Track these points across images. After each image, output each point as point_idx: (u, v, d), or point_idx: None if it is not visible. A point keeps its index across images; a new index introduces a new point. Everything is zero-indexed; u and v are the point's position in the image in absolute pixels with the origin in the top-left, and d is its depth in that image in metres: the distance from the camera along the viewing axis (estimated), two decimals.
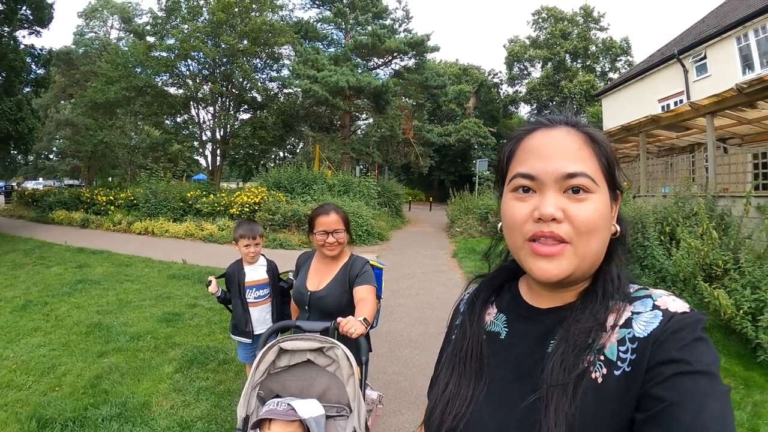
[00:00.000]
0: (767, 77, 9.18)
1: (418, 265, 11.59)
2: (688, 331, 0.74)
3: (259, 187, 17.80)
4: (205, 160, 28.16)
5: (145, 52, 22.59)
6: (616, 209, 0.93)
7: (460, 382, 0.96)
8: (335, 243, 2.83)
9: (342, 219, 2.88)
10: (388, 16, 29.59)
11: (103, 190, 19.94)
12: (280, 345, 2.11)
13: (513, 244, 0.90)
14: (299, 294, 2.94)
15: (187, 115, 26.90)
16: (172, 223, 15.99)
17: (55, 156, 41.10)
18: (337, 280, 2.86)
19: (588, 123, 0.92)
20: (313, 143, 25.87)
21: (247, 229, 3.63)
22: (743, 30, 17.58)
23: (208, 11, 23.23)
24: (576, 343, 0.82)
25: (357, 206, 16.15)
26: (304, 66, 24.22)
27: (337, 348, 2.08)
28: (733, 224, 7.15)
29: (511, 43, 53.04)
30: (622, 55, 49.08)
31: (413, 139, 31.38)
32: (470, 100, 46.34)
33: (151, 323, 6.37)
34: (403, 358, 5.52)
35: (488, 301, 1.07)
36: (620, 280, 0.88)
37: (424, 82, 27.87)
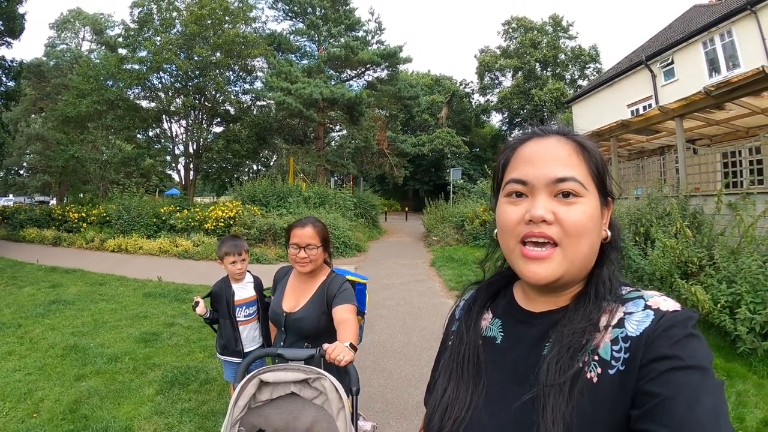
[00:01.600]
0: (734, 79, 9.41)
1: (397, 275, 11.63)
2: (679, 328, 0.76)
3: (233, 201, 17.68)
4: (178, 175, 27.86)
5: (117, 65, 22.27)
6: (608, 215, 0.97)
7: (459, 387, 0.98)
8: (306, 259, 2.64)
9: (319, 234, 2.70)
10: (360, 28, 29.73)
11: (75, 207, 19.49)
12: (260, 377, 1.92)
13: (506, 247, 0.94)
14: (275, 314, 2.80)
15: (160, 128, 26.64)
16: (145, 239, 15.67)
17: (25, 172, 40.32)
18: (314, 301, 2.71)
19: (578, 133, 0.96)
20: (287, 156, 25.84)
21: (231, 245, 3.51)
22: (708, 35, 18.18)
23: (180, 23, 23.09)
24: (570, 344, 0.84)
25: (333, 218, 16.14)
26: (278, 78, 24.20)
27: (324, 379, 1.90)
28: (705, 222, 7.31)
29: (482, 53, 53.58)
30: (590, 62, 49.88)
31: (387, 150, 31.47)
32: (443, 110, 46.62)
33: (129, 344, 6.26)
34: (388, 370, 5.52)
35: (485, 307, 1.09)
36: (612, 282, 0.91)
37: (397, 93, 28.06)
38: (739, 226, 6.51)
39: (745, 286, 5.40)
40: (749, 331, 5.08)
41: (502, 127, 55.12)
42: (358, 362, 5.65)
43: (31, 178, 38.27)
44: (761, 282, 5.36)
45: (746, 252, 5.98)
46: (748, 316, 5.12)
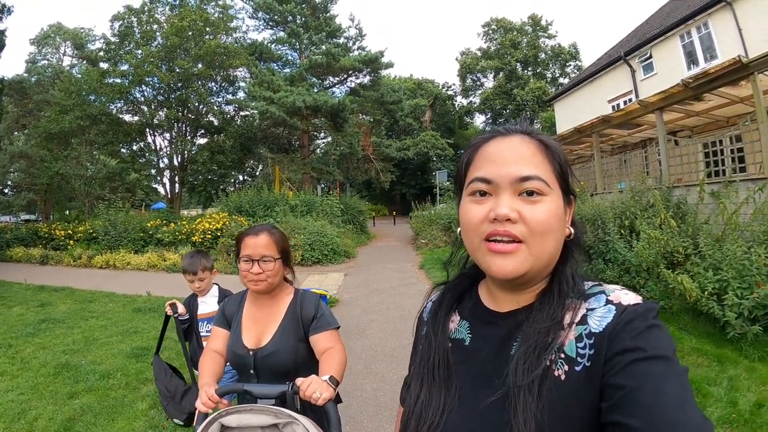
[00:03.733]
0: (711, 71, 9.59)
1: (387, 279, 11.70)
2: (640, 320, 0.78)
3: (220, 212, 17.68)
4: (163, 188, 27.79)
5: (99, 79, 22.19)
6: (571, 212, 0.98)
7: (431, 392, 0.98)
8: (261, 275, 2.09)
9: (276, 243, 2.15)
10: (341, 34, 29.77)
11: (61, 224, 19.34)
12: (221, 421, 1.60)
13: (470, 245, 0.94)
14: (237, 356, 2.15)
15: (143, 142, 26.54)
16: (133, 254, 15.65)
17: (9, 190, 39.98)
18: (286, 328, 2.15)
19: (541, 131, 0.97)
20: (273, 165, 25.88)
21: (188, 263, 3.37)
22: (686, 28, 18.42)
23: (161, 35, 23.10)
24: (536, 343, 0.84)
25: (321, 225, 16.17)
26: (260, 87, 24.25)
27: (297, 425, 1.54)
28: (689, 212, 7.48)
29: (463, 55, 54.14)
30: (571, 60, 50.50)
31: (373, 155, 31.53)
32: (426, 113, 46.77)
33: (120, 360, 6.28)
34: (380, 373, 5.58)
35: (451, 309, 1.10)
36: (575, 279, 0.92)
37: (380, 98, 28.18)
38: (722, 214, 6.67)
39: (731, 273, 5.52)
40: (738, 316, 5.20)
41: (485, 128, 55.48)
42: (350, 367, 5.73)
43: (15, 196, 37.91)
44: (747, 267, 5.48)
45: (730, 239, 6.10)
46: (735, 301, 5.23)
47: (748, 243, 5.97)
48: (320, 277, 12.40)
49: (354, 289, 10.67)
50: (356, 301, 9.51)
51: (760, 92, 8.92)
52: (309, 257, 14.72)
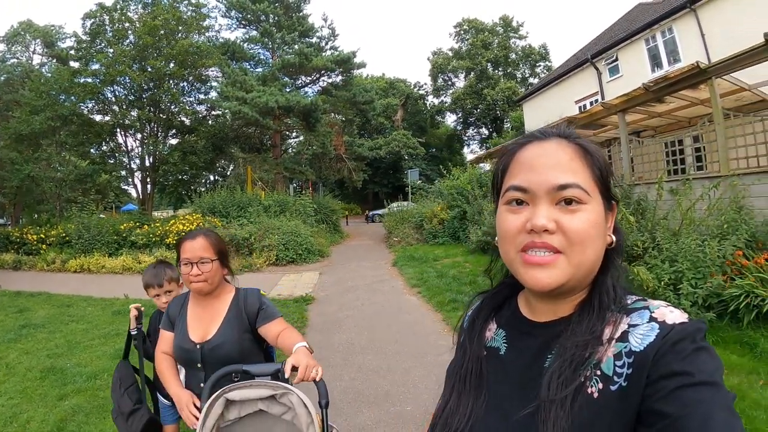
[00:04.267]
0: (671, 75, 10.02)
1: (361, 277, 11.96)
2: (688, 341, 0.75)
3: (193, 213, 17.70)
4: (135, 190, 27.36)
5: (70, 79, 21.87)
6: (613, 219, 0.95)
7: (460, 399, 0.98)
8: (201, 277, 2.25)
9: (213, 246, 2.31)
10: (314, 34, 29.83)
11: (32, 228, 18.90)
12: (225, 396, 1.84)
13: (506, 255, 0.92)
14: (184, 351, 2.33)
15: (114, 143, 26.12)
16: (107, 258, 15.49)
17: None
18: (231, 322, 2.34)
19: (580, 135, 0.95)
20: (245, 165, 25.86)
21: (151, 276, 3.02)
22: (651, 32, 19.06)
23: (134, 34, 22.86)
24: (573, 358, 0.82)
25: (295, 225, 16.33)
26: (233, 87, 24.24)
27: (292, 394, 1.82)
28: (648, 208, 7.84)
29: (435, 55, 54.48)
30: (540, 60, 51.25)
31: (345, 155, 31.69)
32: (398, 112, 47.02)
33: (105, 361, 6.38)
34: (357, 364, 5.87)
35: (489, 318, 1.08)
36: (616, 291, 0.89)
37: (352, 98, 28.38)
38: (679, 210, 7.04)
39: (686, 264, 5.87)
40: (693, 304, 5.54)
41: (456, 126, 56.21)
42: (328, 359, 5.99)
43: None
44: (701, 259, 5.84)
45: (685, 233, 6.49)
46: (690, 290, 5.58)
47: (702, 237, 6.35)
48: (295, 277, 12.59)
49: (329, 287, 10.89)
50: (332, 299, 9.73)
51: (717, 96, 9.34)
52: (283, 257, 14.89)
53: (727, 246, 6.02)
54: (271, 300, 7.98)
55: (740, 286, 5.53)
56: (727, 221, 6.63)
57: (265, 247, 14.99)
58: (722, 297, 5.61)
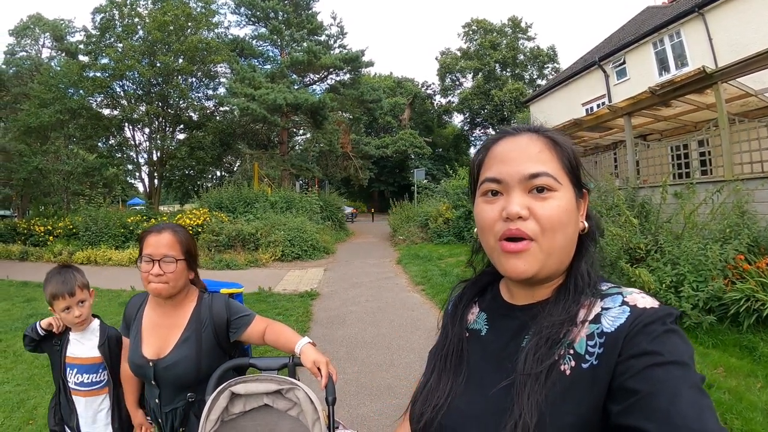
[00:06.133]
0: (677, 79, 10.05)
1: (366, 274, 12.03)
2: (658, 324, 0.77)
3: (200, 208, 17.83)
4: (142, 184, 27.59)
5: (79, 73, 22.07)
6: (584, 206, 0.99)
7: (440, 377, 1.02)
8: (162, 277, 1.93)
9: (180, 243, 2.01)
10: (323, 32, 29.88)
11: (40, 220, 19.13)
12: (231, 389, 1.77)
13: (486, 244, 0.96)
14: (136, 367, 2.07)
15: (122, 137, 26.35)
16: (114, 250, 15.65)
17: None
18: (190, 338, 2.04)
19: (551, 128, 0.99)
20: (252, 161, 25.99)
21: (58, 283, 2.32)
22: (659, 36, 18.84)
23: (143, 29, 23.00)
24: (549, 336, 0.86)
25: (300, 222, 16.45)
26: (241, 84, 24.30)
27: (298, 389, 1.76)
28: (652, 211, 7.83)
29: (443, 55, 54.28)
30: (549, 62, 51.03)
31: (351, 153, 31.76)
32: (405, 111, 46.98)
33: None
34: (361, 358, 5.95)
35: (471, 302, 1.13)
36: (591, 276, 0.93)
37: (359, 96, 28.37)
38: (682, 214, 7.03)
39: (688, 267, 5.92)
40: (693, 307, 5.57)
41: (463, 127, 55.98)
42: (332, 353, 6.05)
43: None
44: (702, 262, 5.88)
45: (688, 236, 6.52)
46: (691, 293, 5.61)
47: (705, 241, 6.36)
48: (300, 272, 12.66)
49: (334, 284, 10.95)
50: (336, 294, 9.80)
51: (722, 101, 9.38)
52: (289, 253, 14.99)
53: (729, 250, 6.02)
54: (277, 295, 8.04)
55: (741, 290, 5.55)
56: (730, 225, 6.65)
57: (271, 242, 15.09)
58: (723, 300, 5.63)
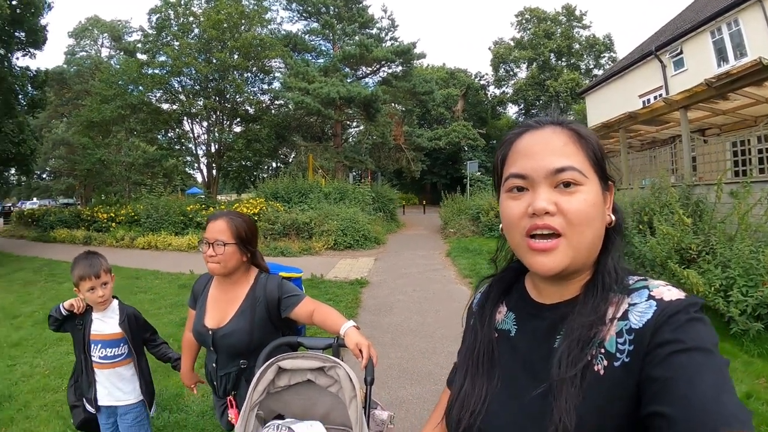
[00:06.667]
0: (734, 71, 9.64)
1: (414, 265, 12.01)
2: (682, 314, 0.77)
3: (257, 198, 18.23)
4: (200, 174, 28.51)
5: (138, 70, 22.95)
6: (611, 199, 0.97)
7: (474, 381, 1.01)
8: (215, 259, 2.23)
9: (232, 229, 2.28)
10: (374, 25, 30.06)
11: (103, 208, 20.20)
12: (278, 364, 1.94)
13: (513, 241, 0.95)
14: (199, 334, 2.39)
15: (181, 130, 27.32)
16: (174, 236, 16.37)
17: (47, 175, 41.14)
18: (244, 312, 2.32)
19: (574, 120, 0.97)
20: (306, 153, 26.28)
21: (86, 266, 2.65)
22: (716, 24, 17.99)
23: (198, 28, 23.67)
24: (580, 337, 0.85)
25: (353, 212, 16.59)
26: (295, 78, 24.65)
27: (339, 368, 1.90)
28: (706, 210, 7.51)
29: (496, 45, 53.42)
30: (605, 51, 49.59)
31: (404, 145, 31.73)
32: (458, 103, 46.47)
33: (170, 328, 6.71)
34: (404, 345, 6.04)
35: (498, 301, 1.11)
36: (618, 272, 0.91)
37: (412, 88, 28.36)
38: (736, 214, 6.68)
39: (738, 270, 5.61)
40: (742, 313, 5.30)
41: (518, 118, 54.63)
42: (378, 338, 6.15)
43: (54, 181, 39.07)
44: (753, 266, 5.57)
45: (740, 238, 6.18)
46: (740, 298, 5.33)
47: (757, 243, 6.07)
48: (351, 261, 12.80)
49: (383, 273, 11.03)
50: (385, 283, 9.88)
51: None
52: (341, 242, 15.16)
53: None
54: (328, 281, 8.23)
55: None
56: None
57: (324, 232, 15.30)
58: None
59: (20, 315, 8.06)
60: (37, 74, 18.07)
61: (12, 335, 6.91)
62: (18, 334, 6.97)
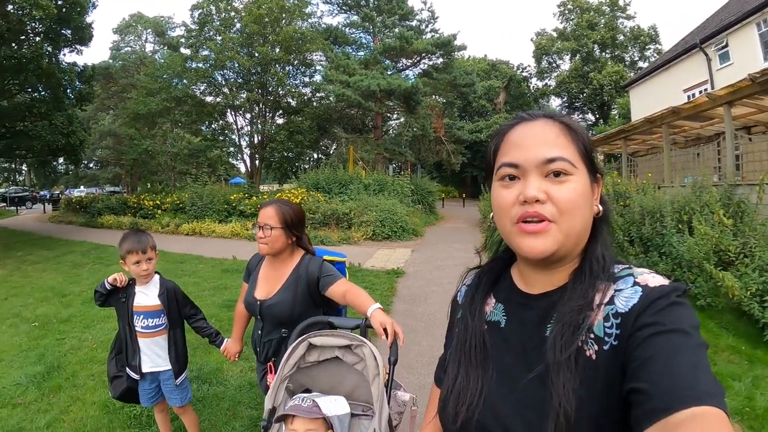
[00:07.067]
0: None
1: (451, 257, 12.01)
2: (664, 298, 0.80)
3: (298, 188, 18.53)
4: (243, 165, 29.12)
5: (182, 64, 23.55)
6: (599, 191, 1.00)
7: (468, 374, 1.02)
8: (263, 240, 2.56)
9: (279, 215, 2.58)
10: (414, 17, 29.89)
11: (149, 196, 20.88)
12: (309, 340, 2.09)
13: (503, 228, 0.98)
14: (248, 304, 2.74)
15: (224, 121, 27.88)
16: (217, 224, 16.87)
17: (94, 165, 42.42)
18: (288, 287, 2.63)
19: (565, 114, 1.01)
20: (347, 144, 26.45)
21: (134, 241, 2.93)
22: (762, 16, 17.22)
23: (240, 22, 24.10)
24: (570, 322, 0.87)
25: (392, 204, 16.69)
26: (336, 71, 24.79)
27: (365, 346, 2.03)
28: (747, 211, 7.27)
29: (539, 36, 52.51)
30: (650, 43, 48.03)
31: (444, 137, 31.61)
32: (500, 95, 46.06)
33: (213, 309, 6.96)
34: (437, 334, 6.07)
35: (488, 293, 1.13)
36: (605, 259, 0.94)
37: (452, 80, 28.19)
38: None
39: None
40: None
41: (561, 111, 53.87)
42: (411, 326, 6.24)
43: (101, 170, 40.27)
44: None
45: None
46: None
47: None
48: (389, 252, 12.90)
49: (419, 264, 11.09)
50: (420, 274, 9.94)
51: None
52: (379, 233, 15.30)
53: None
54: (365, 270, 8.41)
55: None
56: None
57: (363, 222, 15.47)
58: None
59: (69, 294, 8.41)
60: (84, 69, 18.67)
61: (62, 312, 7.25)
62: (67, 311, 7.31)
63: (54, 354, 5.46)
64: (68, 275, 10.20)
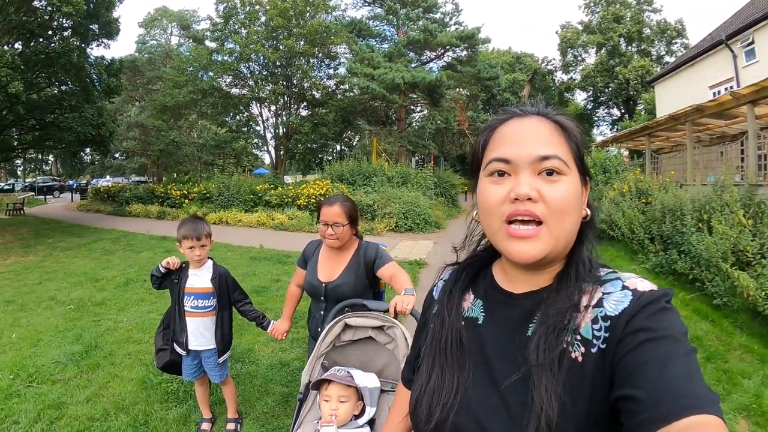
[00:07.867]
0: None
1: None
2: (654, 304, 0.79)
3: (323, 179, 18.65)
4: (268, 156, 29.39)
5: (207, 57, 23.86)
6: (587, 193, 0.98)
7: (444, 372, 0.98)
8: (334, 236, 2.79)
9: (345, 213, 2.80)
10: (438, 10, 29.64)
11: (176, 185, 21.36)
12: (345, 321, 2.29)
13: (489, 227, 0.94)
14: (312, 287, 2.94)
15: (249, 113, 28.23)
16: (243, 213, 17.17)
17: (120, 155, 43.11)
18: (351, 269, 2.89)
19: (559, 112, 0.97)
20: (371, 137, 26.49)
21: (190, 228, 3.21)
22: None
23: (264, 16, 24.28)
24: (555, 324, 0.85)
25: (414, 196, 16.73)
26: (361, 64, 24.77)
27: (397, 328, 2.22)
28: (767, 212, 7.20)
29: (564, 29, 51.99)
30: (677, 37, 47.18)
31: (468, 130, 31.45)
32: (524, 88, 45.77)
33: None
34: None
35: (466, 288, 1.09)
36: (591, 263, 0.93)
37: (476, 73, 27.94)
38: None
39: None
40: None
41: (586, 105, 53.35)
42: None
43: (127, 160, 40.91)
44: None
45: None
46: None
47: None
48: (411, 243, 12.97)
49: (441, 256, 11.05)
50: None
51: None
52: (402, 225, 15.39)
53: None
54: None
55: None
56: None
57: (386, 214, 15.61)
58: None
59: (102, 279, 8.67)
60: (112, 63, 19.12)
61: (96, 296, 7.49)
62: (101, 294, 7.55)
63: (91, 334, 5.67)
64: (100, 261, 10.49)
